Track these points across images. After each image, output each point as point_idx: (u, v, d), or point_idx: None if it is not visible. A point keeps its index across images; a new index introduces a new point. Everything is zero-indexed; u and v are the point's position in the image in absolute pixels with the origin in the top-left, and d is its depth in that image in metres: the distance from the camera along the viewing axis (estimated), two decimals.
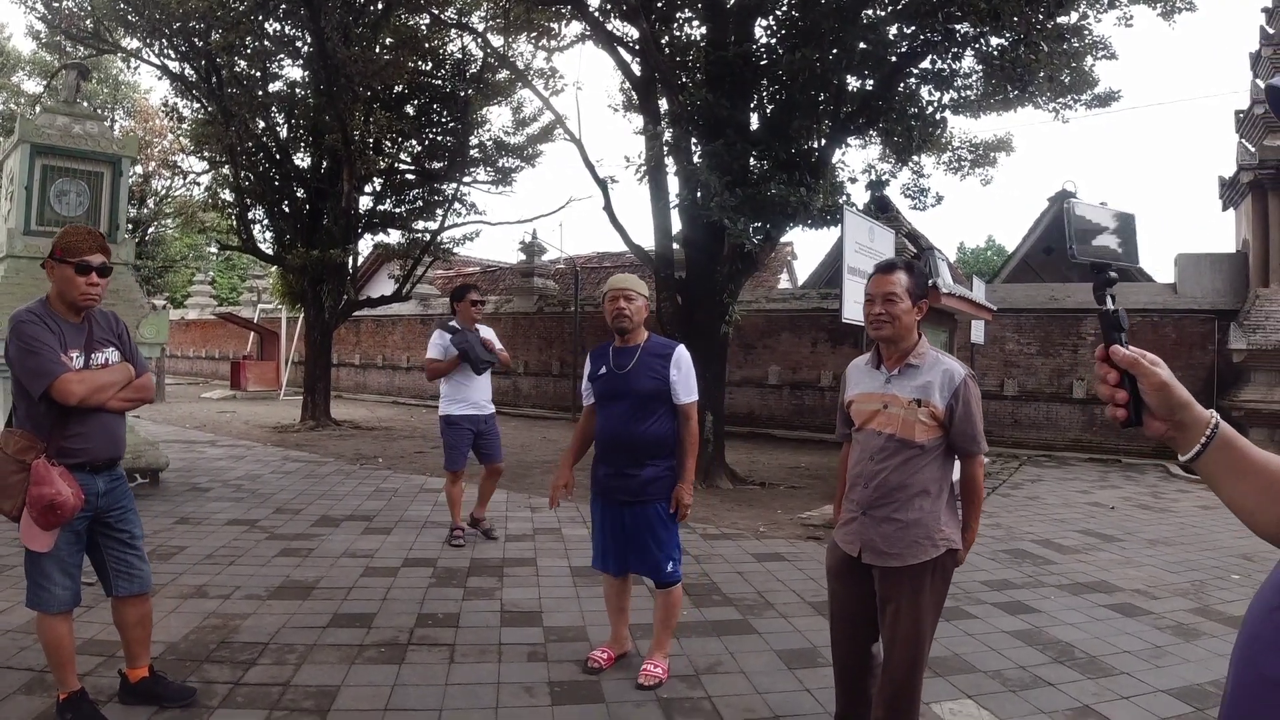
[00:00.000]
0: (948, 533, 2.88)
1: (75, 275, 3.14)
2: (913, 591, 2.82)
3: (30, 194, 8.04)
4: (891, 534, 2.85)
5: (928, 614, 2.85)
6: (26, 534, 3.02)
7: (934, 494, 2.88)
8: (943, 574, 2.90)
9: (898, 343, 2.94)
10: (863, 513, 2.93)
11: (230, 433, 14.04)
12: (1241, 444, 1.21)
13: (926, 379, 2.87)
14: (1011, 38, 8.80)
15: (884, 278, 2.93)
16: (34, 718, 3.27)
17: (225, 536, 6.47)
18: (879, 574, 2.90)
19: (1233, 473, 1.21)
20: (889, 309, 2.89)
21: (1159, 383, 1.22)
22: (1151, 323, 13.36)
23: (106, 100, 25.24)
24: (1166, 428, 1.24)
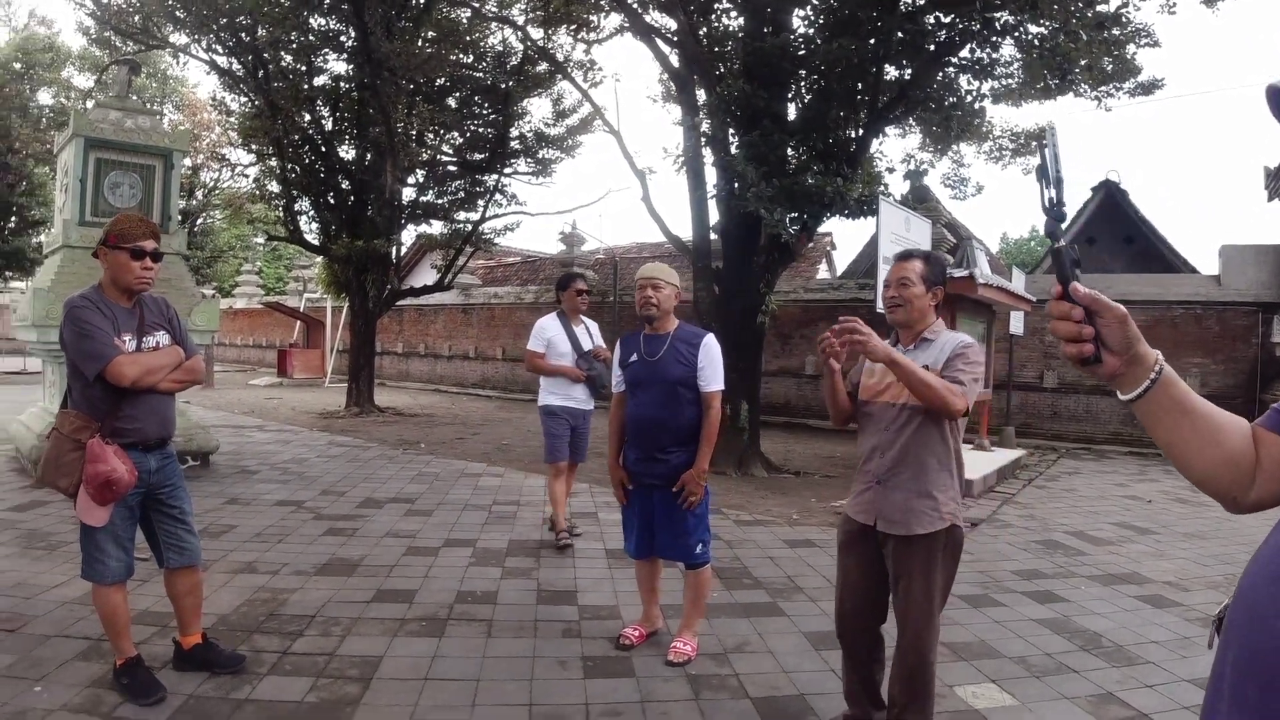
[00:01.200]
0: (953, 507, 2.98)
1: (130, 260, 3.31)
2: (925, 566, 2.92)
3: (84, 186, 8.34)
4: (902, 503, 2.95)
5: (939, 589, 2.95)
6: (83, 509, 3.20)
7: (943, 465, 2.98)
8: (954, 551, 3.00)
9: (912, 325, 3.08)
10: (877, 482, 3.03)
11: (277, 418, 14.41)
12: (1182, 385, 1.26)
13: (937, 351, 3.00)
14: (1051, 26, 8.74)
15: (900, 264, 3.08)
16: (92, 682, 3.46)
17: (273, 516, 6.71)
18: (892, 546, 2.99)
19: (1174, 411, 1.24)
20: (902, 292, 3.03)
21: (1121, 315, 1.23)
22: (1194, 315, 13.16)
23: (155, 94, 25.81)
24: (1121, 363, 1.25)
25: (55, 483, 3.22)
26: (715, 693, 3.66)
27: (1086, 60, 9.09)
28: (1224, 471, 1.24)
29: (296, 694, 3.45)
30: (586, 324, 6.36)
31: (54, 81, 21.81)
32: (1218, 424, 1.25)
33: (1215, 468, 1.24)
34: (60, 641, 3.90)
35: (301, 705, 3.36)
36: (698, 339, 3.99)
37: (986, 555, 6.32)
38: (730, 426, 9.93)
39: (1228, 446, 1.24)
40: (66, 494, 3.24)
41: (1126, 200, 19.31)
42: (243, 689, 3.47)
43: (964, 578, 5.60)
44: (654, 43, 10.62)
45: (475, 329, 22.53)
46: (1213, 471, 1.24)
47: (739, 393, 9.93)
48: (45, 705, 3.24)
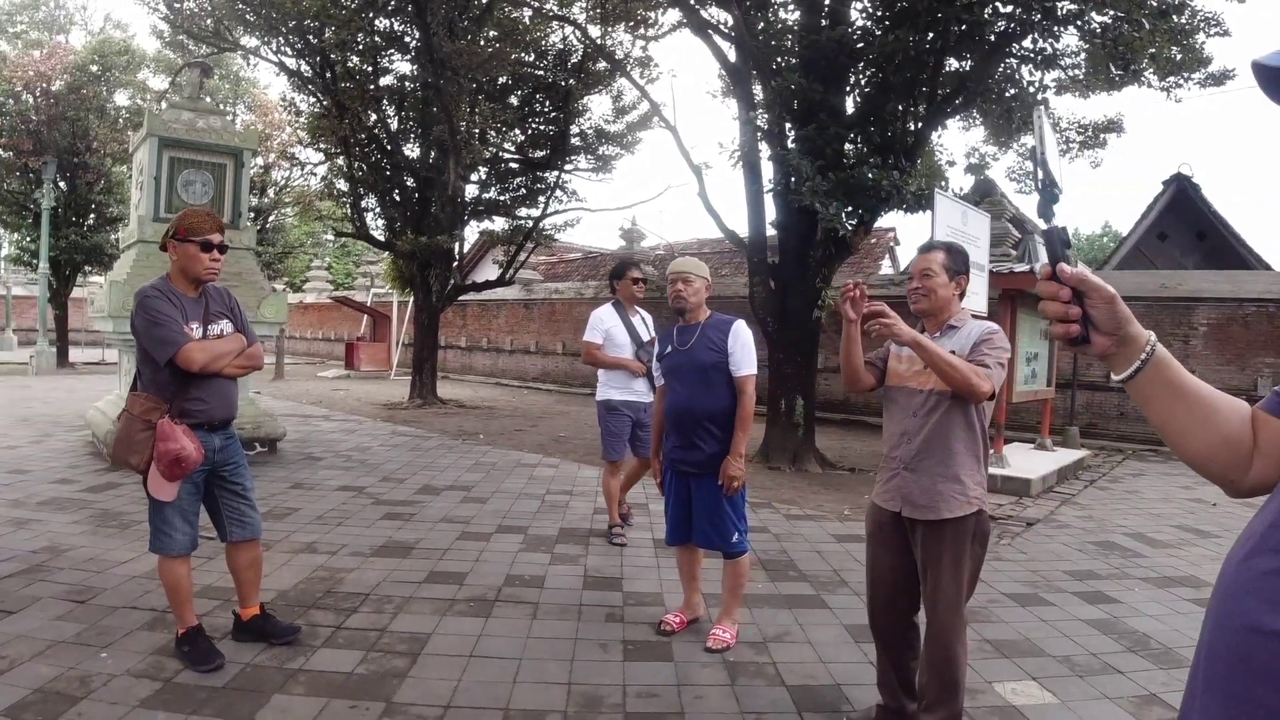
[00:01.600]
0: (979, 493, 3.01)
1: (199, 252, 3.54)
2: (954, 553, 2.96)
3: (159, 184, 8.71)
4: (929, 487, 2.99)
5: (967, 577, 2.98)
6: (154, 485, 3.41)
7: (970, 450, 3.01)
8: (981, 539, 3.03)
9: (936, 315, 3.12)
10: (904, 468, 3.06)
11: (343, 408, 14.82)
12: (1176, 365, 1.26)
13: (963, 338, 3.04)
14: (1114, 15, 8.54)
15: (923, 256, 3.13)
16: (154, 650, 3.68)
17: (335, 500, 6.95)
18: (921, 533, 3.02)
19: (1167, 392, 1.26)
20: (925, 283, 3.08)
21: (1109, 295, 1.24)
22: (1267, 313, 12.69)
23: (228, 95, 26.65)
24: (1111, 343, 1.25)
25: (127, 460, 3.43)
26: (751, 679, 3.72)
27: (1152, 50, 8.86)
28: (1219, 453, 1.25)
29: (347, 665, 3.62)
30: (642, 314, 6.25)
31: (130, 83, 22.64)
32: (1214, 406, 1.25)
33: (1210, 449, 1.25)
34: (126, 613, 4.13)
35: (351, 676, 3.52)
36: (727, 325, 4.07)
37: (1040, 555, 6.23)
38: (785, 422, 9.95)
39: (1224, 429, 1.25)
40: (137, 470, 3.45)
41: (1199, 194, 18.67)
42: (297, 660, 3.65)
43: (1014, 576, 5.58)
44: (710, 38, 10.66)
45: (536, 324, 22.81)
46: (1208, 453, 1.26)
47: (794, 388, 9.93)
48: (110, 670, 3.45)
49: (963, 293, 3.14)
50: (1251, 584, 1.03)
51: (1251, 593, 1.03)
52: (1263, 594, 1.01)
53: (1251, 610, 1.02)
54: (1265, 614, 0.99)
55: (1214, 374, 12.94)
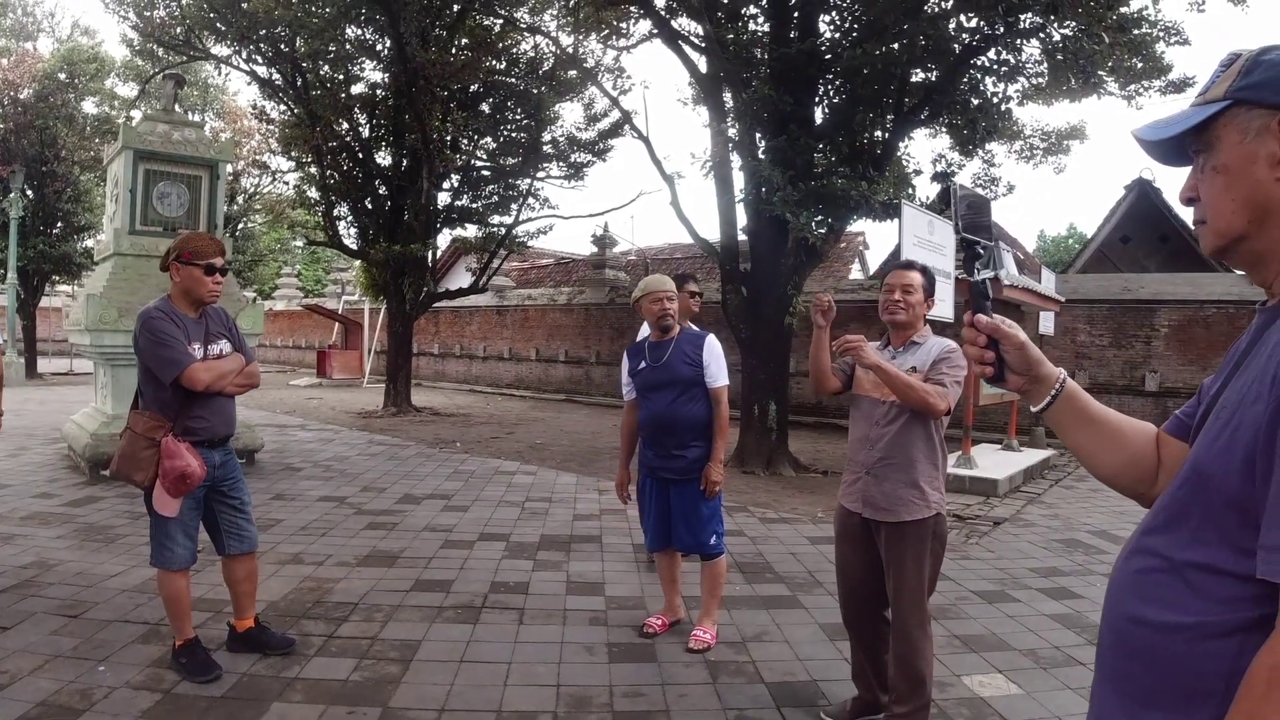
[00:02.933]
0: (937, 498, 3.22)
1: (204, 275, 3.64)
2: (916, 552, 3.16)
3: (134, 196, 8.72)
4: (890, 492, 3.19)
5: (928, 575, 3.19)
6: (159, 501, 3.51)
7: (929, 458, 3.22)
8: (940, 539, 3.25)
9: (907, 329, 3.33)
10: (867, 473, 3.26)
11: (318, 418, 14.82)
12: (1085, 398, 1.46)
13: (924, 354, 3.25)
14: (1075, 28, 8.81)
15: (904, 273, 3.35)
16: (152, 662, 3.76)
17: (317, 511, 7.03)
18: (884, 534, 3.22)
19: (1078, 421, 1.45)
20: (906, 298, 3.30)
21: (1018, 342, 1.44)
22: (1227, 315, 13.06)
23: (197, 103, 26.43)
24: (1024, 382, 1.46)
25: (131, 477, 3.52)
26: (732, 677, 3.88)
27: (1110, 62, 9.15)
28: (1126, 471, 1.43)
29: (342, 673, 3.73)
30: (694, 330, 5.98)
31: (98, 91, 22.43)
32: (1120, 430, 1.44)
33: (1118, 468, 1.44)
34: (121, 626, 4.21)
35: (347, 684, 3.63)
36: (700, 339, 4.26)
37: (1007, 553, 6.45)
38: (759, 426, 10.13)
39: (1129, 450, 1.43)
40: (141, 487, 3.54)
41: (1160, 199, 19.14)
42: (292, 669, 3.75)
43: (982, 573, 5.78)
44: (681, 49, 10.83)
45: (510, 330, 22.87)
46: (1116, 471, 1.44)
47: (767, 393, 10.12)
48: (109, 683, 3.53)
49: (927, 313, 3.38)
50: (1128, 580, 1.20)
51: (1128, 588, 1.19)
52: (1136, 588, 1.17)
53: (1128, 602, 1.18)
54: (1138, 605, 1.15)
55: (1177, 374, 13.31)
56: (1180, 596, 1.10)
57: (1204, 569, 1.07)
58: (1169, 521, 1.16)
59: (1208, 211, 1.20)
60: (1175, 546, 1.13)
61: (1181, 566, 1.11)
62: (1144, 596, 1.15)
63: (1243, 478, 1.03)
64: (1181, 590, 1.10)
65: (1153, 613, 1.13)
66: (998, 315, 1.48)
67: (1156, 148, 1.25)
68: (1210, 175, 1.18)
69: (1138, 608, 1.16)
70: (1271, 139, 1.10)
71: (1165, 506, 1.17)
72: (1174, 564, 1.12)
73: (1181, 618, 1.09)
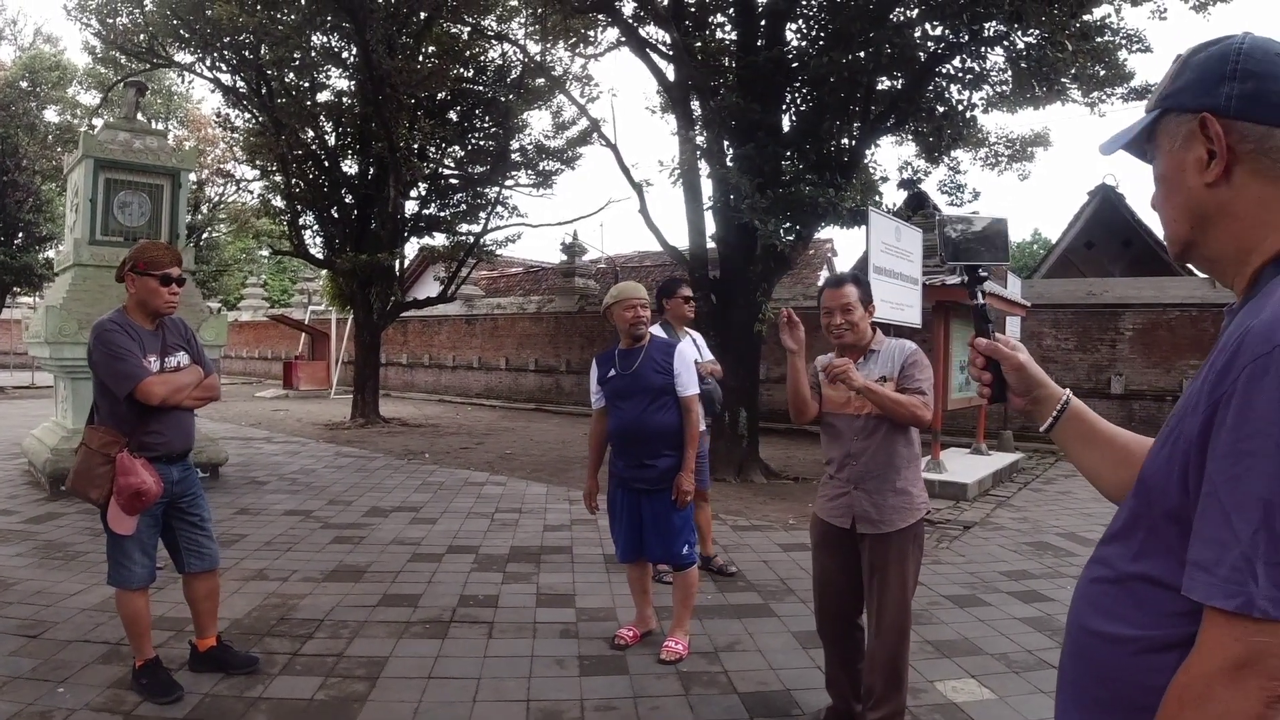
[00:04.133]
0: (923, 498, 3.26)
1: (159, 286, 3.54)
2: (899, 558, 3.16)
3: (95, 206, 8.56)
4: (883, 504, 3.18)
5: (911, 579, 3.20)
6: (114, 519, 3.41)
7: (911, 462, 3.24)
8: (919, 541, 3.26)
9: (856, 344, 3.32)
10: (854, 487, 3.23)
11: (284, 430, 14.61)
12: (1091, 417, 1.45)
13: (886, 360, 3.25)
14: (1038, 36, 8.92)
15: (836, 292, 3.29)
16: (112, 683, 3.66)
17: (282, 525, 6.91)
18: (869, 543, 3.21)
19: (1082, 441, 1.44)
20: (847, 318, 3.26)
21: (1015, 364, 1.46)
22: (1190, 317, 13.29)
23: (160, 111, 26.10)
24: (1025, 402, 1.48)
25: (86, 494, 3.42)
26: (705, 688, 3.84)
27: (1074, 70, 9.27)
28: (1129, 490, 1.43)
29: (307, 692, 3.65)
30: (692, 335, 5.87)
31: (60, 99, 22.10)
32: (1127, 449, 1.42)
33: (1122, 487, 1.42)
34: (81, 646, 4.09)
35: (312, 702, 3.55)
36: (670, 348, 4.24)
37: (978, 557, 6.47)
38: (729, 434, 10.11)
39: (1134, 469, 1.42)
40: (97, 504, 3.45)
41: (1124, 204, 19.43)
42: (256, 688, 3.66)
43: (953, 578, 5.80)
44: (649, 57, 10.83)
45: (479, 339, 22.74)
46: (1120, 490, 1.42)
47: (737, 400, 10.10)
48: (69, 705, 3.43)
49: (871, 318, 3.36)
50: (1084, 590, 1.19)
51: (1084, 598, 1.18)
52: (1090, 599, 1.16)
53: (1083, 611, 1.17)
54: (1091, 616, 1.14)
55: (1141, 376, 13.51)
56: (1126, 608, 1.09)
57: (1149, 581, 1.05)
58: (1119, 532, 1.15)
59: (1161, 219, 1.19)
60: (1123, 558, 1.12)
61: (1128, 578, 1.10)
62: (1095, 606, 1.14)
63: (1181, 489, 1.02)
64: (1127, 602, 1.09)
65: (1101, 624, 1.12)
66: (1003, 336, 1.51)
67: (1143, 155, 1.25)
68: (1157, 184, 1.18)
69: (1089, 617, 1.15)
70: (1197, 144, 1.09)
71: (1119, 516, 1.16)
72: (1121, 575, 1.11)
73: (1127, 630, 1.08)
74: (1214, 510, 0.93)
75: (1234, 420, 0.93)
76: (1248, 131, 1.05)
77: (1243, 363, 0.94)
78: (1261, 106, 1.04)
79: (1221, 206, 1.08)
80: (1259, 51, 1.06)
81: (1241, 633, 0.89)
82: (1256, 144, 1.04)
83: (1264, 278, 1.04)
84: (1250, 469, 0.90)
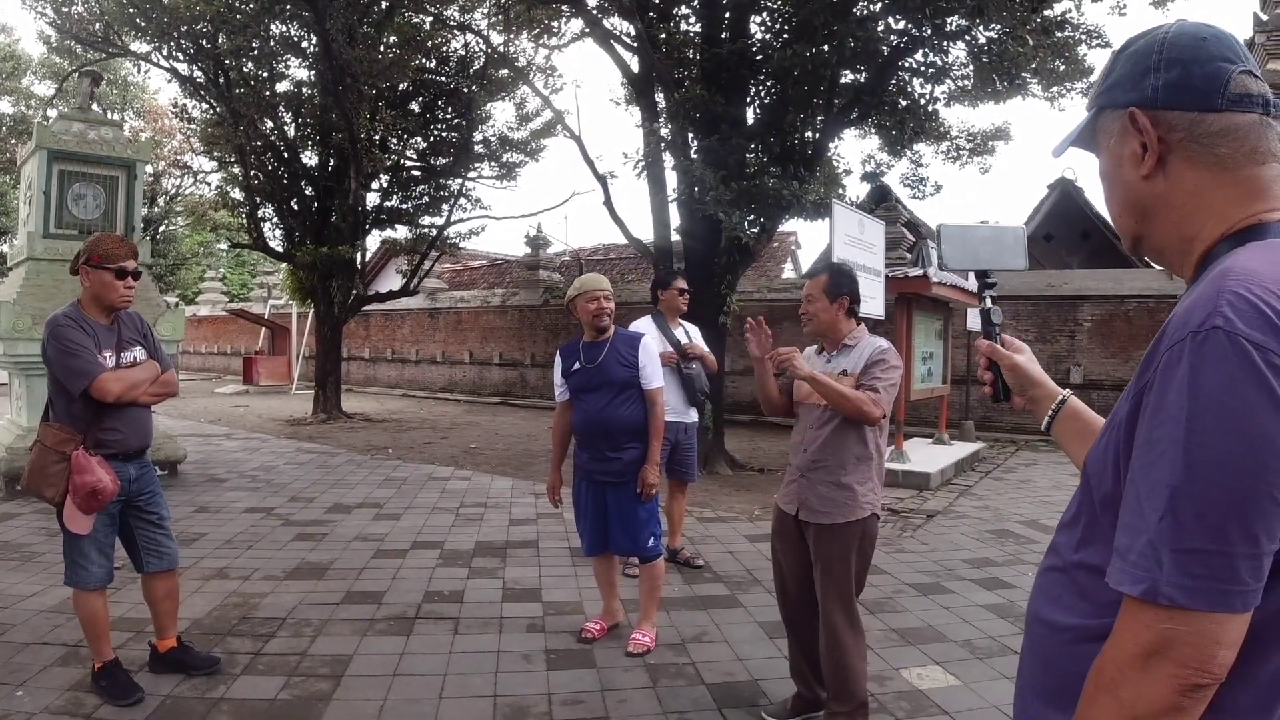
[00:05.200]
0: (872, 498, 3.24)
1: (114, 279, 3.46)
2: (842, 552, 3.19)
3: (48, 198, 8.34)
4: (825, 494, 3.21)
5: (854, 571, 3.22)
6: (69, 518, 3.33)
7: (861, 460, 3.24)
8: (869, 538, 3.27)
9: (826, 334, 3.37)
10: (801, 476, 3.29)
11: (244, 426, 14.40)
12: (1087, 417, 1.47)
13: (856, 356, 3.28)
14: (999, 31, 9.01)
15: (809, 283, 3.39)
16: (71, 686, 3.58)
17: (243, 523, 6.80)
18: (813, 533, 3.25)
19: (1077, 439, 1.45)
20: (809, 308, 3.35)
21: (1009, 365, 1.51)
22: (1147, 308, 13.54)
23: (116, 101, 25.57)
24: (1023, 401, 1.52)
25: (41, 493, 3.35)
26: (672, 680, 3.84)
27: (1034, 64, 9.38)
28: None
29: (270, 692, 3.59)
30: (686, 327, 5.87)
31: (15, 90, 21.57)
32: None
33: None
34: (39, 648, 4.00)
35: (275, 702, 3.50)
36: (636, 340, 4.24)
37: (941, 545, 6.55)
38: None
39: None
40: (52, 503, 3.37)
41: (1082, 197, 19.75)
42: (218, 689, 3.60)
43: (917, 566, 5.86)
44: (613, 48, 10.80)
45: (442, 333, 22.57)
46: None
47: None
48: (28, 709, 3.35)
49: (849, 311, 3.35)
50: (1039, 579, 1.20)
51: (1038, 587, 1.19)
52: (1043, 588, 1.17)
53: (1036, 600, 1.18)
54: (1043, 604, 1.15)
55: (1100, 367, 13.74)
56: (1070, 597, 1.10)
57: (1090, 570, 1.06)
58: (1069, 521, 1.16)
59: (1109, 215, 1.21)
60: (1069, 547, 1.13)
61: (1072, 567, 1.11)
62: (1047, 595, 1.15)
63: (1115, 477, 1.02)
64: (1071, 591, 1.10)
65: (1050, 612, 1.13)
66: (1007, 338, 1.55)
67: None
68: (1101, 181, 1.19)
69: (1040, 604, 1.16)
70: (1131, 138, 1.09)
71: (1070, 506, 1.17)
72: (1068, 564, 1.12)
73: (1069, 619, 1.09)
74: (1131, 497, 0.94)
75: (1151, 407, 0.94)
76: (1176, 121, 1.05)
77: (1162, 350, 0.95)
78: (1187, 93, 1.05)
79: (1159, 198, 1.09)
80: (1184, 39, 1.06)
81: (1151, 619, 0.90)
82: (1186, 131, 1.05)
83: (1207, 264, 1.05)
84: (1160, 455, 0.91)
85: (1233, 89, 1.02)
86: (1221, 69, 1.03)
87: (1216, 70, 1.03)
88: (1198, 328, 0.90)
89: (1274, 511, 0.86)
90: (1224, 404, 0.87)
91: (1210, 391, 0.88)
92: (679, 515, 5.96)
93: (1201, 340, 0.89)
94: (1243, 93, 1.02)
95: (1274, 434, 0.85)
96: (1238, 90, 1.02)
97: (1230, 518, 0.86)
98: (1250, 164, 1.04)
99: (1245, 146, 1.03)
